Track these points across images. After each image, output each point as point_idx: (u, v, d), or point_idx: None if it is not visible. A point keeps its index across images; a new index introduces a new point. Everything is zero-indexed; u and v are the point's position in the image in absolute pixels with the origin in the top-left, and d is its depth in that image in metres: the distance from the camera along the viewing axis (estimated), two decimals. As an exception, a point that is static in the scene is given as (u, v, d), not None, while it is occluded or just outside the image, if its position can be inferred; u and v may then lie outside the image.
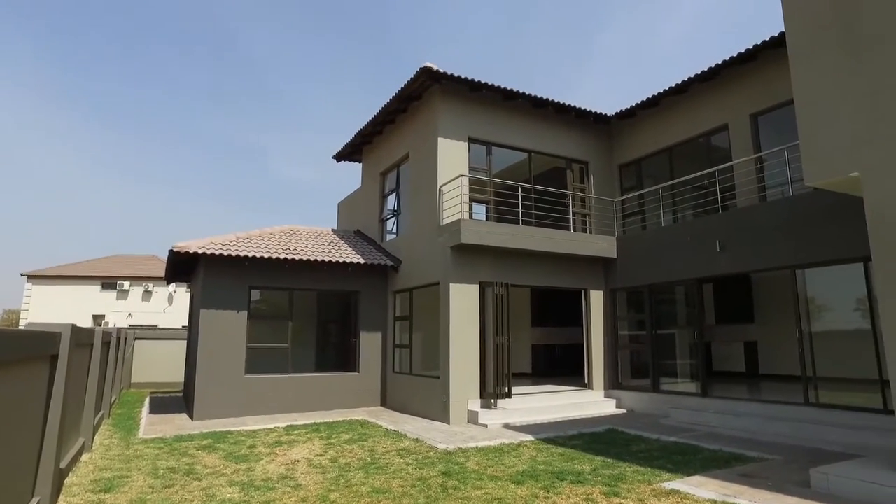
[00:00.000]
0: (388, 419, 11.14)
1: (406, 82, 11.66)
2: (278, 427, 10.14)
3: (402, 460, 7.43)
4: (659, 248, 11.73)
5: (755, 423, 9.21)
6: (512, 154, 13.06)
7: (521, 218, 11.73)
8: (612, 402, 12.20)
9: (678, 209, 12.86)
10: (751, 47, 10.25)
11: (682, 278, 11.20)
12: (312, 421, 10.84)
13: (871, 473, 5.73)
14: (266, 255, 11.65)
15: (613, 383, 12.61)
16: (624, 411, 11.92)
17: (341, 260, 12.56)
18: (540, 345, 17.63)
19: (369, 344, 13.34)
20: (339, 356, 13.39)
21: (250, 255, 11.49)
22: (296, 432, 9.62)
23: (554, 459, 7.36)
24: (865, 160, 6.24)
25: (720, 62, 10.88)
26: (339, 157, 16.24)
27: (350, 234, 15.30)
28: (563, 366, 16.86)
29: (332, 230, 15.30)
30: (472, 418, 10.59)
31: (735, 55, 10.57)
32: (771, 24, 30.06)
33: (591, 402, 11.94)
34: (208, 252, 11.10)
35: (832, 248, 8.58)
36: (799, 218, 9.11)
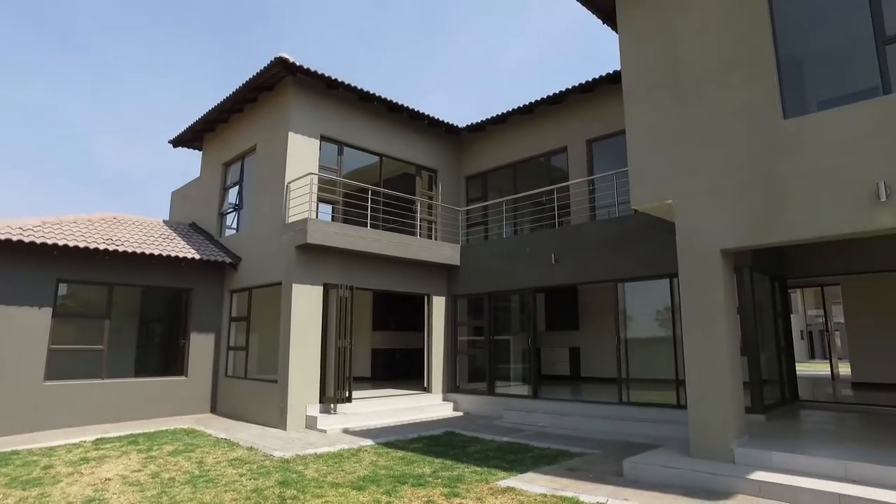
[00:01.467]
0: (220, 427, 10.36)
1: (259, 71, 11.05)
2: (85, 441, 8.89)
3: (234, 471, 6.93)
4: (500, 257, 12.38)
5: (578, 421, 10.07)
6: (363, 156, 12.97)
7: (369, 221, 11.67)
8: (450, 404, 12.59)
9: (519, 222, 13.71)
10: (590, 79, 11.34)
11: (519, 287, 11.93)
12: (129, 432, 9.69)
13: (668, 459, 6.68)
14: (81, 245, 10.22)
15: (452, 387, 13.01)
16: (461, 414, 12.36)
17: (173, 254, 11.46)
18: (380, 349, 17.65)
19: (200, 346, 12.32)
20: (165, 359, 12.18)
21: (61, 243, 10.00)
22: (108, 446, 8.52)
23: (395, 463, 7.37)
24: (678, 190, 7.18)
25: (563, 89, 11.87)
26: (177, 142, 14.86)
27: (184, 226, 14.05)
28: (402, 370, 17.06)
29: (164, 221, 13.92)
30: (311, 424, 10.26)
31: (576, 84, 11.61)
32: (610, 59, 33.43)
33: (430, 406, 12.20)
34: (3, 237, 9.45)
35: (647, 265, 9.71)
36: (622, 237, 10.18)
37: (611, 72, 10.95)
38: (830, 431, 7.87)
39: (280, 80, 11.56)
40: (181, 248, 11.94)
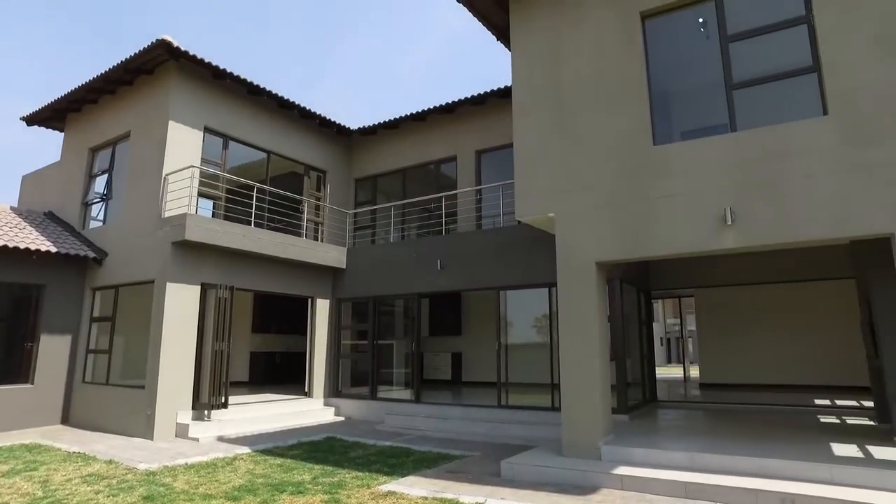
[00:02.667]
0: (72, 439, 9.40)
1: (137, 52, 10.23)
2: None
3: (89, 488, 6.33)
4: (386, 262, 12.41)
5: (459, 425, 10.32)
6: (250, 152, 12.45)
7: (253, 219, 11.21)
8: (332, 409, 12.37)
9: (406, 227, 13.83)
10: (481, 92, 11.74)
11: (405, 292, 12.01)
12: (-44, 448, 8.49)
13: (541, 459, 7.06)
14: None
15: (333, 391, 12.80)
16: (343, 419, 12.18)
17: (22, 245, 10.25)
18: (259, 352, 16.97)
19: (53, 349, 11.10)
20: (5, 365, 10.78)
21: None
22: (-71, 463, 7.40)
23: (272, 471, 7.13)
24: (559, 204, 7.64)
25: (455, 100, 12.18)
26: (33, 120, 13.29)
27: (38, 215, 12.59)
28: (282, 374, 16.52)
29: (12, 208, 12.40)
30: (182, 432, 9.62)
31: (468, 96, 11.97)
32: (501, 74, 34.60)
33: (311, 411, 11.93)
34: None
35: (528, 274, 10.19)
36: (506, 246, 10.60)
37: (501, 87, 11.42)
38: (681, 427, 8.75)
39: (161, 63, 10.79)
40: (32, 239, 10.72)
